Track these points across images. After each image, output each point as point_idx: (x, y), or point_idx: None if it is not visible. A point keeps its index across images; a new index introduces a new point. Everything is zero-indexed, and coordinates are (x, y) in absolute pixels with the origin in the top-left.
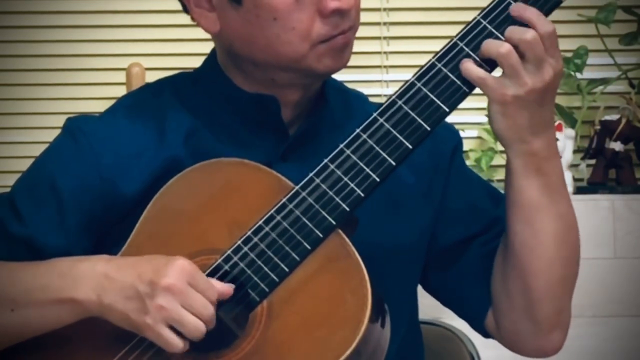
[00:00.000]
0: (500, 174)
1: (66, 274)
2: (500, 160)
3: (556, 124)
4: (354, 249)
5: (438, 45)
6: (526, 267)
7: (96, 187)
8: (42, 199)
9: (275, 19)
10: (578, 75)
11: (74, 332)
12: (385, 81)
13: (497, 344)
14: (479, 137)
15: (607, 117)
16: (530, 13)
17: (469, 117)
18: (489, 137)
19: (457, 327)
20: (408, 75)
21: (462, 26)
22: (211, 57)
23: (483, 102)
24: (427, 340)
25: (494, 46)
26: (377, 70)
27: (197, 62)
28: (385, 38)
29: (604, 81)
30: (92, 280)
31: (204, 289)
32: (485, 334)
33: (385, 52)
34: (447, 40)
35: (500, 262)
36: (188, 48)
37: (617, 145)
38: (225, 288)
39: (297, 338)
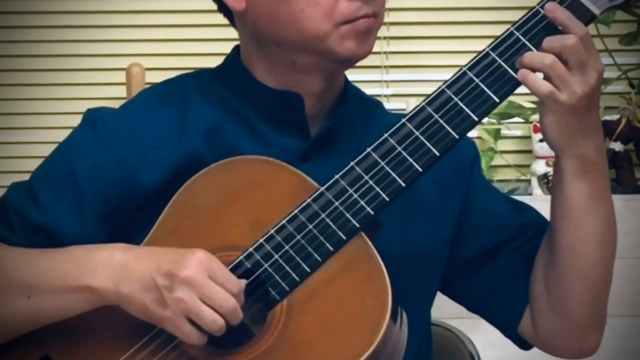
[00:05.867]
0: (501, 174)
1: (83, 262)
2: (500, 160)
3: None
4: (376, 252)
5: (438, 46)
6: (573, 270)
7: (115, 178)
8: (61, 187)
9: None
10: None
11: (92, 320)
12: (385, 81)
13: (497, 345)
14: (479, 137)
15: (607, 117)
16: (563, 13)
17: None
18: (489, 137)
19: (457, 327)
20: (408, 75)
21: (462, 26)
22: (233, 53)
23: None
24: None
25: (537, 58)
26: (377, 71)
27: (197, 62)
28: (385, 38)
29: (604, 81)
30: (109, 268)
31: (224, 281)
32: (517, 339)
33: (385, 52)
34: (447, 41)
35: (542, 265)
36: (188, 48)
37: (617, 146)
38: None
39: (315, 339)
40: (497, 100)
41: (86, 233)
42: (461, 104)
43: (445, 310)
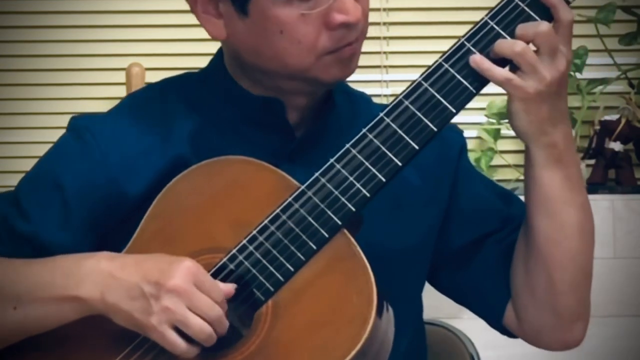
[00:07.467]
0: (501, 174)
1: (70, 271)
2: (500, 160)
3: None
4: (359, 248)
5: (438, 45)
6: (551, 261)
7: (102, 186)
8: (47, 197)
9: (281, 32)
10: (578, 75)
11: (77, 329)
12: (385, 81)
13: (497, 345)
14: (478, 137)
15: (607, 117)
16: None
17: (469, 117)
18: (489, 137)
19: (457, 327)
20: (408, 75)
21: (462, 26)
22: (217, 57)
23: (483, 102)
24: (427, 340)
25: (507, 45)
26: (377, 70)
27: (197, 62)
28: (385, 38)
29: (604, 81)
30: (96, 278)
31: (210, 290)
32: (503, 330)
33: (385, 52)
34: (447, 40)
35: (521, 257)
36: (188, 48)
37: (616, 145)
38: (227, 288)
39: (302, 338)
40: (474, 91)
41: (73, 242)
42: (438, 96)
43: (445, 310)
